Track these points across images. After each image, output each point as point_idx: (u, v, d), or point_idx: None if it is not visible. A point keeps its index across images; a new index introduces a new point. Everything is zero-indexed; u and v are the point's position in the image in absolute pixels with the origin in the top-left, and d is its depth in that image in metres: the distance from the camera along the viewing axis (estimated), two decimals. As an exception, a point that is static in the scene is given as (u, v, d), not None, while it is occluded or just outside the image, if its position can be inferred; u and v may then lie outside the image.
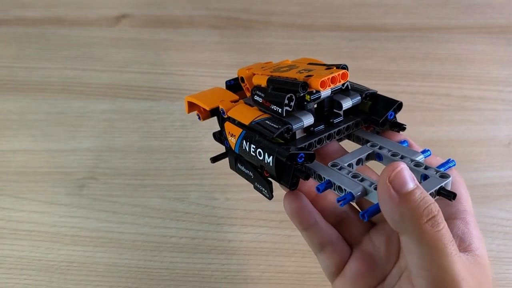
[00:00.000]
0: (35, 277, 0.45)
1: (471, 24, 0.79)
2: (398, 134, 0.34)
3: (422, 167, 0.29)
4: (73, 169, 0.55)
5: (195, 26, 0.78)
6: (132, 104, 0.64)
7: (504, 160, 0.56)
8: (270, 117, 0.31)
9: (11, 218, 0.50)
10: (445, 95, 0.65)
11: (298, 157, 0.29)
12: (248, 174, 0.33)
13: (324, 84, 0.29)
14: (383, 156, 0.31)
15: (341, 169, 0.30)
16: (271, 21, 0.79)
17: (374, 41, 0.75)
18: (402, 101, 0.34)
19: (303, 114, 0.31)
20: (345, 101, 0.33)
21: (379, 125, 0.33)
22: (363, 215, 0.26)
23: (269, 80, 0.32)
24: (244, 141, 0.31)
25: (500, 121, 0.62)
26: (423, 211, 0.24)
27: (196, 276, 0.45)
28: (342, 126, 0.33)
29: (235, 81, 0.37)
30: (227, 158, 0.36)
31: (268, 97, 0.31)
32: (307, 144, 0.31)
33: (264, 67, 0.36)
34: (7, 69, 0.70)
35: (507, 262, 0.46)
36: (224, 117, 0.34)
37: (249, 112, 0.32)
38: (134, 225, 0.49)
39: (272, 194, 0.32)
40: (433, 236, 0.24)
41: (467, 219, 0.29)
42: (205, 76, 0.69)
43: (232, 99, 0.35)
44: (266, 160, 0.30)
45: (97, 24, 0.78)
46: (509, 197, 0.52)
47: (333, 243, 0.32)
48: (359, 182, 0.28)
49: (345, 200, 0.27)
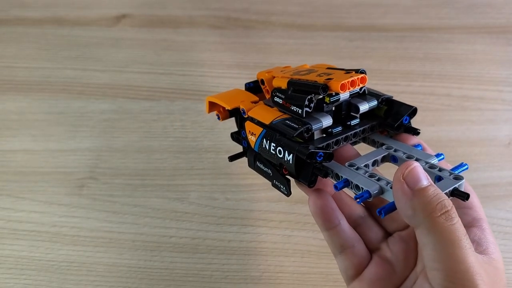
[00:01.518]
0: (35, 277, 0.45)
1: (471, 24, 0.79)
2: (412, 138, 0.34)
3: (436, 169, 0.30)
4: (73, 169, 0.55)
5: (195, 26, 0.78)
6: (132, 104, 0.64)
7: (504, 160, 0.56)
8: (290, 117, 0.32)
9: (11, 218, 0.50)
10: (445, 95, 0.65)
11: (318, 156, 0.30)
12: (267, 172, 0.34)
13: (344, 86, 0.30)
14: (398, 158, 0.32)
15: (358, 169, 0.31)
16: (271, 21, 0.79)
17: (374, 41, 0.75)
18: (416, 107, 0.35)
19: (322, 116, 0.32)
20: (362, 104, 0.34)
21: (394, 128, 0.34)
22: (380, 212, 0.27)
23: (289, 82, 0.33)
24: (265, 139, 0.33)
25: (500, 121, 0.62)
26: (436, 205, 0.25)
27: (196, 276, 0.45)
28: (358, 129, 0.34)
29: (255, 83, 0.38)
30: (244, 157, 0.37)
31: (288, 98, 0.32)
32: (325, 144, 0.32)
33: (283, 70, 0.37)
34: (7, 69, 0.70)
35: (507, 262, 0.46)
36: (245, 117, 0.35)
37: (269, 112, 0.33)
38: (134, 225, 0.49)
39: (290, 191, 0.33)
40: (447, 229, 0.24)
41: (483, 226, 0.30)
42: (205, 76, 0.69)
43: (252, 100, 0.36)
44: (286, 158, 0.31)
45: (97, 24, 0.78)
46: (509, 197, 0.52)
47: (354, 246, 0.32)
48: (376, 182, 0.29)
49: (363, 197, 0.28)
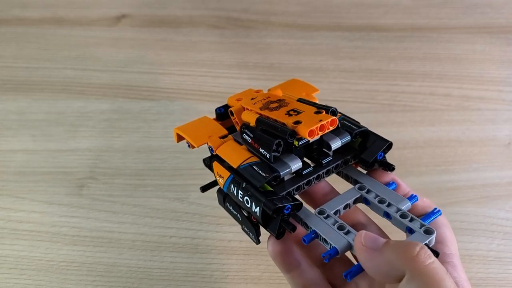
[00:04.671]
0: (35, 277, 0.45)
1: (471, 24, 0.79)
2: (386, 174, 0.34)
3: (407, 218, 0.29)
4: (73, 169, 0.55)
5: (195, 26, 0.78)
6: (132, 104, 0.64)
7: (504, 160, 0.56)
8: (258, 162, 0.31)
9: (11, 218, 0.50)
10: (445, 95, 0.65)
11: (285, 209, 0.29)
12: (236, 216, 0.33)
13: (313, 133, 0.29)
14: (370, 201, 0.32)
15: (327, 217, 0.30)
16: (271, 21, 0.79)
17: (374, 41, 0.75)
18: (392, 142, 0.33)
19: (291, 159, 0.31)
20: (334, 141, 0.32)
21: (369, 166, 0.33)
22: (346, 276, 0.27)
23: (258, 120, 0.32)
24: (232, 185, 0.31)
25: (500, 121, 0.62)
26: (410, 249, 0.25)
27: (196, 276, 0.45)
28: (331, 166, 0.33)
29: (225, 108, 0.37)
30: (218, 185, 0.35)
31: (256, 138, 0.31)
32: (295, 187, 0.31)
33: (254, 98, 0.35)
34: (7, 69, 0.70)
35: (507, 262, 0.46)
36: (213, 153, 0.34)
37: (238, 153, 0.32)
38: (134, 225, 0.49)
39: (259, 240, 0.32)
40: (430, 269, 0.24)
41: (454, 262, 0.29)
42: (205, 76, 0.69)
43: (221, 134, 0.35)
44: (253, 209, 0.30)
45: (97, 24, 0.78)
46: (509, 197, 0.52)
47: (316, 284, 0.32)
48: (344, 236, 0.28)
49: (330, 255, 0.27)
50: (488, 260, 0.46)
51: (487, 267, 0.46)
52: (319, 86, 0.39)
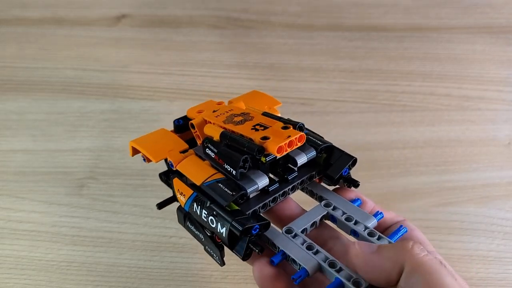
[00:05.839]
0: (35, 277, 0.45)
1: (471, 24, 0.79)
2: (351, 191, 0.33)
3: (375, 237, 0.29)
4: (73, 169, 0.55)
5: (195, 26, 0.78)
6: (132, 104, 0.64)
7: (504, 160, 0.56)
8: (223, 179, 0.29)
9: (11, 218, 0.50)
10: (445, 95, 0.65)
11: (253, 229, 0.28)
12: (198, 236, 0.32)
13: (281, 149, 0.28)
14: (337, 219, 0.31)
15: (295, 236, 0.29)
16: (271, 21, 0.79)
17: (374, 41, 0.75)
18: (357, 158, 0.33)
19: (257, 176, 0.30)
20: (300, 157, 0.32)
21: (334, 182, 0.33)
22: None
23: (222, 135, 0.30)
24: (195, 203, 0.30)
25: (500, 121, 0.62)
26: (401, 244, 0.26)
27: (196, 276, 0.45)
28: (296, 182, 0.32)
29: (184, 120, 0.35)
30: (177, 202, 0.33)
31: (221, 154, 0.30)
32: (261, 205, 0.30)
33: (216, 110, 0.34)
34: (7, 69, 0.70)
35: (507, 262, 0.46)
36: (173, 169, 0.32)
37: (201, 169, 0.31)
38: (134, 225, 0.49)
39: (223, 261, 0.31)
40: (428, 260, 0.25)
41: (439, 258, 0.29)
42: (205, 76, 0.69)
43: (181, 148, 0.33)
44: (218, 230, 0.29)
45: (97, 24, 0.78)
46: (509, 197, 0.52)
47: None
48: (314, 256, 0.28)
49: (300, 277, 0.27)
50: (488, 260, 0.46)
51: (487, 267, 0.46)
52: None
